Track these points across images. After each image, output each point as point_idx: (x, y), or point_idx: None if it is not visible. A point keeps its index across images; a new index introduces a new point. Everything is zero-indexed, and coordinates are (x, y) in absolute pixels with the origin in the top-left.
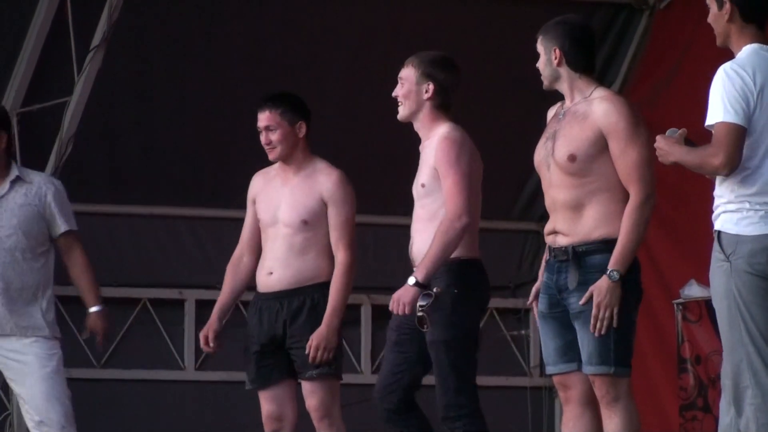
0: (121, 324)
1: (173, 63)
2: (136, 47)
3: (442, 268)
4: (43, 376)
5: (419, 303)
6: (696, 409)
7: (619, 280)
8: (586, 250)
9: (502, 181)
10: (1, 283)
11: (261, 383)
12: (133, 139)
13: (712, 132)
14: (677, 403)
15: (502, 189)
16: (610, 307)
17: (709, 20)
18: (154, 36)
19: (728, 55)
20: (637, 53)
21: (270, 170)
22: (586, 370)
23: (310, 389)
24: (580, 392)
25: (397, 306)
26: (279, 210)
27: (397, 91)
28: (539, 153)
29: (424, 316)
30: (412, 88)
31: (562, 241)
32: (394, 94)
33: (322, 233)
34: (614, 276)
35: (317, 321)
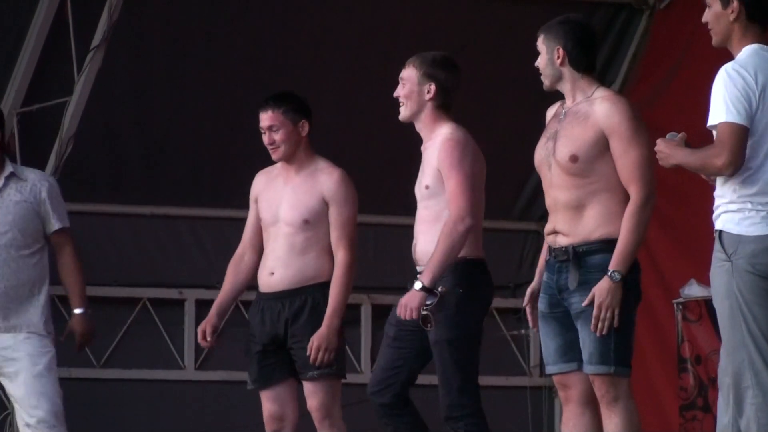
0: (121, 324)
1: (173, 63)
2: (136, 47)
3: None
4: (34, 374)
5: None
6: (696, 408)
7: (621, 281)
8: (587, 250)
9: (502, 181)
10: None
11: (263, 383)
12: (133, 139)
13: (714, 132)
14: (677, 403)
15: (502, 189)
16: (612, 307)
17: (708, 19)
18: (154, 36)
19: (728, 55)
20: (637, 53)
21: (272, 169)
22: (587, 369)
23: (311, 389)
24: (580, 392)
25: (405, 311)
26: (280, 209)
27: (399, 92)
28: (540, 153)
29: (428, 315)
30: (414, 89)
31: (562, 241)
32: (395, 95)
33: (323, 232)
34: (615, 277)
35: (318, 321)
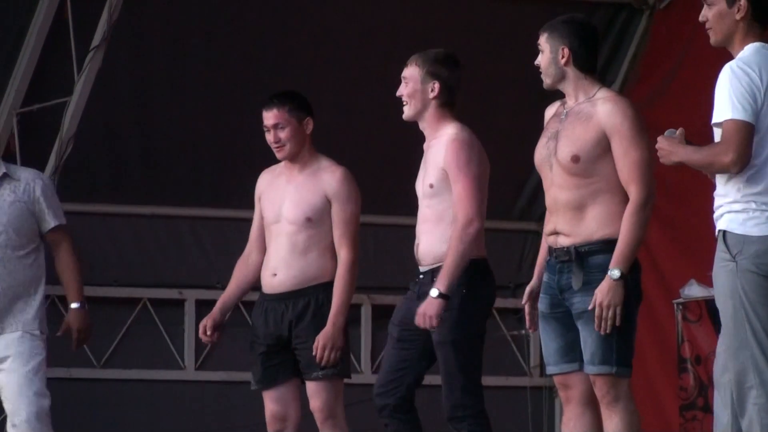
0: (121, 324)
1: (173, 63)
2: (136, 47)
3: None
4: (22, 374)
5: None
6: (696, 409)
7: (621, 279)
8: (589, 250)
9: (502, 181)
10: None
11: (267, 383)
12: (133, 139)
13: (716, 130)
14: (677, 403)
15: (502, 189)
16: (613, 306)
17: (707, 17)
18: (154, 36)
19: (728, 55)
20: (637, 53)
21: (275, 168)
22: (588, 369)
23: (315, 390)
24: (581, 392)
25: (424, 320)
26: (283, 207)
27: (401, 91)
28: (540, 152)
29: None
30: (417, 87)
31: (563, 242)
32: (398, 94)
33: (325, 231)
34: (615, 274)
35: (322, 321)
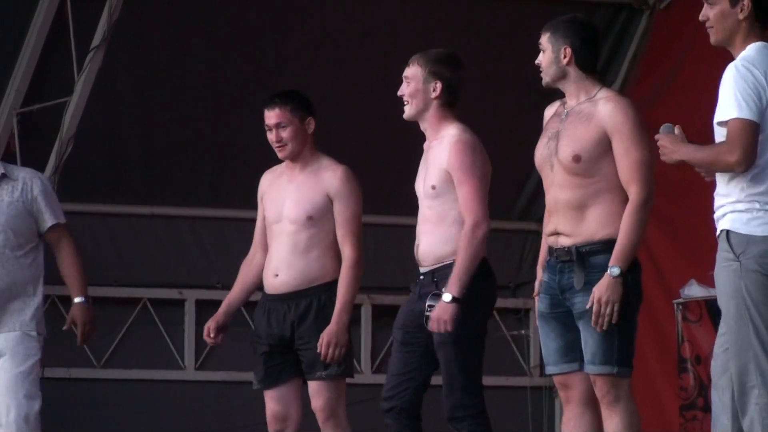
0: (121, 324)
1: (173, 63)
2: (136, 47)
3: (451, 269)
4: (13, 375)
5: (428, 303)
6: (696, 408)
7: (620, 277)
8: (590, 250)
9: (502, 181)
10: None
11: (269, 383)
12: (133, 139)
13: (723, 128)
14: (677, 403)
15: (502, 189)
16: (611, 303)
17: (710, 16)
18: (154, 36)
19: (728, 55)
20: (637, 53)
21: (277, 168)
22: (589, 369)
23: (317, 389)
24: (581, 392)
25: (438, 325)
26: (284, 206)
27: (403, 90)
28: (541, 152)
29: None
30: (419, 87)
31: (564, 242)
32: (399, 94)
33: (327, 230)
34: (615, 272)
35: (324, 322)
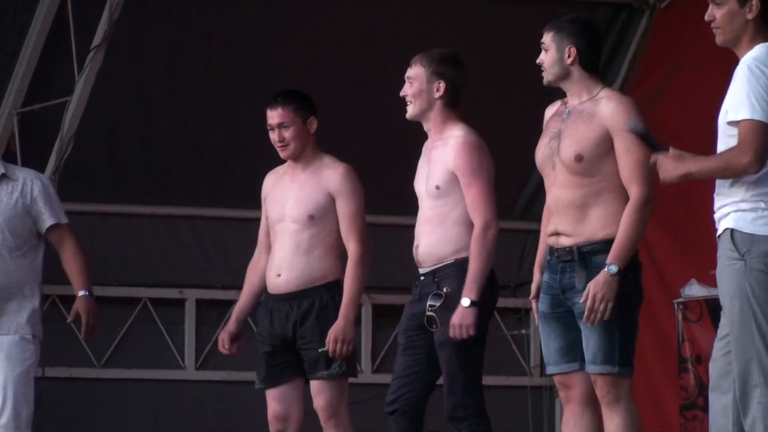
0: (121, 324)
1: (173, 63)
2: (136, 47)
3: (452, 268)
4: (7, 378)
5: (429, 303)
6: (696, 408)
7: (617, 275)
8: (591, 250)
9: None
10: None
11: (270, 382)
12: (133, 139)
13: (723, 128)
14: (677, 402)
15: (502, 189)
16: (606, 300)
17: (716, 16)
18: (154, 36)
19: (729, 55)
20: (637, 53)
21: (279, 169)
22: (590, 369)
23: (319, 389)
24: (581, 392)
25: (459, 331)
26: (286, 206)
27: (406, 90)
28: (542, 152)
29: (433, 316)
30: (423, 87)
31: (565, 242)
32: (402, 94)
33: (329, 230)
34: (613, 269)
35: (327, 322)
